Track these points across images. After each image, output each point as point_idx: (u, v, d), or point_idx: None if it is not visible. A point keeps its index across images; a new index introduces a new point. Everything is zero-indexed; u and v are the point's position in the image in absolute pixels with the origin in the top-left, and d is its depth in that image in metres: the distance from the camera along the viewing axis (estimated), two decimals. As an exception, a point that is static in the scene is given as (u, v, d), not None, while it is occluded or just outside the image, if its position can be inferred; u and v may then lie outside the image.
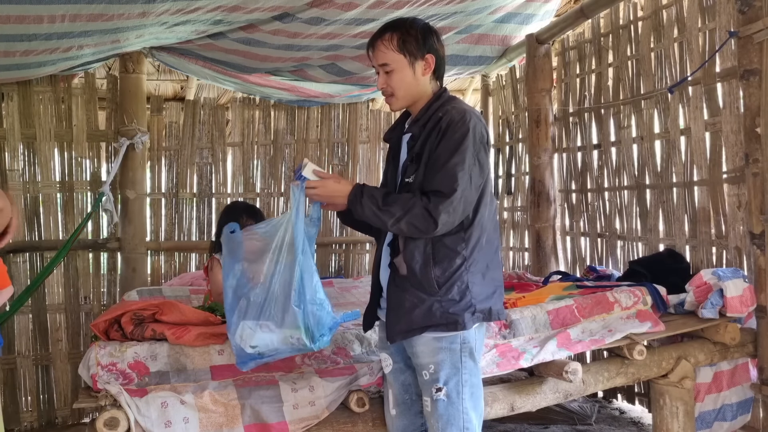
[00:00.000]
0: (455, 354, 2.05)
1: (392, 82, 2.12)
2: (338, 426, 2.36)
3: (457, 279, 2.03)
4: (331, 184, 2.09)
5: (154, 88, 5.13)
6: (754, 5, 2.81)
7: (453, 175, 1.97)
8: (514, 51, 4.68)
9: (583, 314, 2.77)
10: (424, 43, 2.10)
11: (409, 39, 2.09)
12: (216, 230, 3.38)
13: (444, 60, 2.17)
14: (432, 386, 2.07)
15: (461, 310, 2.03)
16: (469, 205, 2.01)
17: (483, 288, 2.06)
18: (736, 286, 2.82)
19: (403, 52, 2.09)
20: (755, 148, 2.83)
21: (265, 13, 3.51)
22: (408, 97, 2.14)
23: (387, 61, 2.10)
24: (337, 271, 5.13)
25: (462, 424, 2.06)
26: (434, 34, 2.14)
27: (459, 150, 1.99)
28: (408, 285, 2.08)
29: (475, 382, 2.10)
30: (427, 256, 2.04)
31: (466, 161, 1.98)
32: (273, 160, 4.95)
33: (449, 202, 1.95)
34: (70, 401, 4.24)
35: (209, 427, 2.17)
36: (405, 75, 2.10)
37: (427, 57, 2.10)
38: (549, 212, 4.34)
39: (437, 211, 1.95)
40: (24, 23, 2.99)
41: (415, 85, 2.12)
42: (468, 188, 1.98)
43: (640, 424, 3.84)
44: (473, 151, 2.00)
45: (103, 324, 2.44)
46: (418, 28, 2.12)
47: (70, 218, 4.35)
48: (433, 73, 2.13)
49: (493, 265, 2.11)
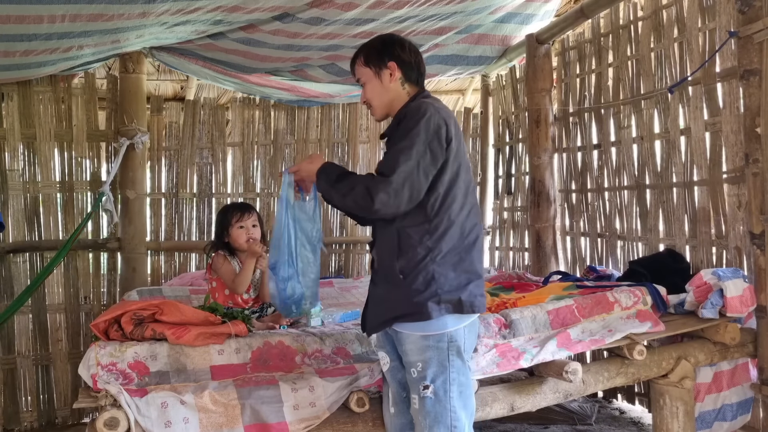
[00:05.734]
0: (442, 352, 2.08)
1: (367, 94, 2.31)
2: (338, 426, 2.36)
3: (422, 269, 2.08)
4: (305, 165, 2.32)
5: (154, 88, 5.13)
6: (754, 5, 2.81)
7: (396, 158, 2.07)
8: (514, 51, 4.68)
9: (583, 314, 2.77)
10: (384, 53, 2.26)
11: (371, 53, 2.29)
12: (214, 231, 3.40)
13: (413, 64, 2.29)
14: (419, 384, 2.10)
15: (425, 299, 2.06)
16: (416, 192, 2.06)
17: (452, 279, 2.09)
18: (736, 286, 2.82)
19: (368, 66, 2.28)
20: (755, 148, 2.82)
21: (265, 13, 3.51)
22: (383, 105, 2.29)
23: (359, 75, 2.32)
24: (337, 271, 5.13)
25: (449, 422, 2.08)
26: (397, 44, 2.29)
27: (408, 137, 2.09)
28: (378, 278, 2.20)
29: (463, 381, 2.13)
30: (393, 247, 2.12)
31: (414, 147, 2.06)
32: (273, 160, 4.96)
33: (388, 182, 2.04)
34: (70, 401, 4.23)
35: (209, 428, 2.17)
36: (374, 85, 2.28)
37: (389, 65, 2.25)
38: (549, 212, 4.34)
39: (376, 189, 2.05)
40: (24, 23, 2.99)
41: (385, 92, 2.27)
42: (414, 174, 2.05)
43: (640, 424, 3.84)
44: (424, 139, 2.08)
45: (103, 324, 2.44)
46: (379, 42, 2.32)
47: (70, 218, 4.35)
48: (404, 78, 2.27)
49: (469, 258, 2.14)
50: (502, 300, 3.03)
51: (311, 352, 2.51)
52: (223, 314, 2.61)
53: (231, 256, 3.20)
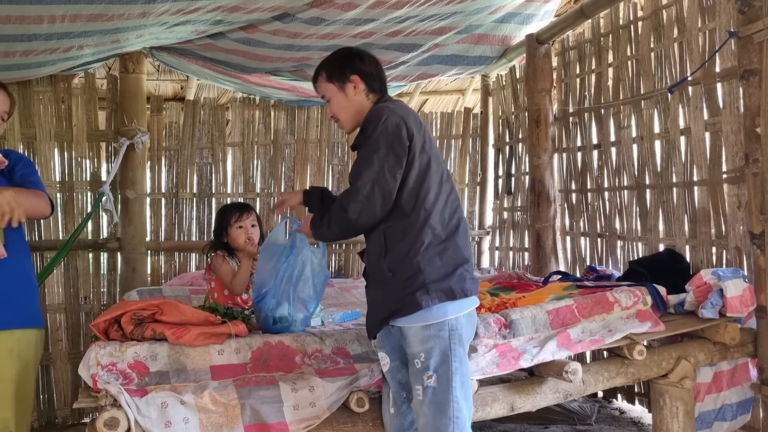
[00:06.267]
0: (444, 341, 2.11)
1: (333, 109, 2.37)
2: (338, 426, 2.36)
3: (407, 263, 2.12)
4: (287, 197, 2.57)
5: (154, 88, 5.14)
6: (754, 5, 2.81)
7: (359, 167, 2.16)
8: (514, 51, 4.69)
9: (583, 314, 2.77)
10: (345, 67, 2.32)
11: (333, 69, 2.34)
12: (213, 231, 3.40)
13: (375, 75, 2.35)
14: (423, 374, 2.11)
15: (414, 290, 2.10)
16: (387, 193, 2.13)
17: (439, 268, 2.13)
18: (736, 286, 2.82)
19: (331, 81, 2.34)
20: (755, 148, 2.82)
21: (265, 13, 3.52)
22: (350, 118, 2.36)
23: (323, 92, 2.38)
24: (337, 271, 5.13)
25: (452, 413, 2.09)
26: (356, 57, 2.35)
27: (368, 143, 2.17)
28: (371, 282, 2.27)
29: (465, 372, 2.15)
30: (381, 248, 2.18)
31: (376, 153, 2.13)
32: (273, 160, 4.96)
33: (356, 191, 2.13)
34: (70, 401, 4.23)
35: (209, 428, 2.17)
36: (339, 99, 2.34)
37: (352, 78, 2.31)
38: (549, 212, 4.35)
39: (347, 201, 2.15)
40: (24, 23, 2.99)
41: (351, 105, 2.33)
42: (381, 178, 2.12)
43: (640, 424, 3.84)
44: (384, 142, 2.14)
45: (103, 324, 2.44)
46: (338, 57, 2.37)
47: (70, 218, 4.35)
48: (367, 90, 2.33)
49: (453, 245, 2.17)
50: (502, 300, 3.03)
51: (311, 352, 2.50)
52: (223, 314, 2.61)
53: (230, 257, 3.20)
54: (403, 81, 4.93)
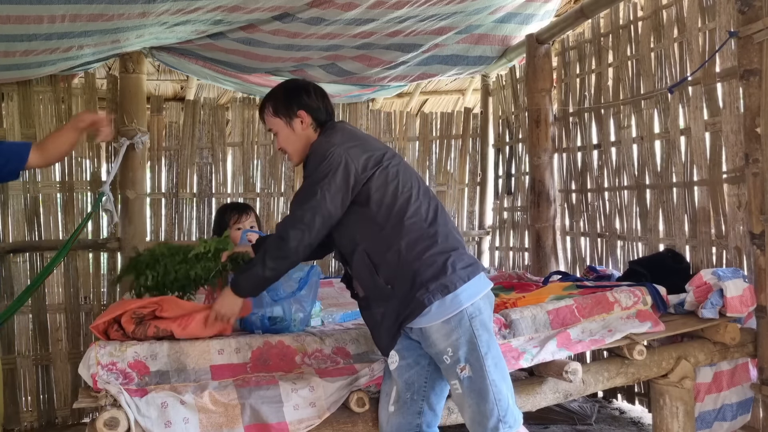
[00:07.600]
0: (467, 331, 2.10)
1: (281, 142, 2.40)
2: (338, 426, 2.36)
3: (401, 270, 2.14)
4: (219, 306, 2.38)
5: (154, 88, 5.13)
6: (754, 5, 2.81)
7: (300, 197, 2.22)
8: (514, 51, 4.68)
9: (583, 314, 2.77)
10: (292, 102, 2.35)
11: (279, 105, 2.37)
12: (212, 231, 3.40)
13: (321, 108, 2.38)
14: (455, 367, 2.11)
15: (414, 294, 2.11)
16: (328, 219, 2.18)
17: (430, 267, 2.13)
18: (736, 286, 2.82)
19: (278, 116, 2.37)
20: (755, 148, 2.82)
21: (265, 13, 3.52)
22: (298, 152, 2.39)
23: (270, 126, 2.41)
24: (337, 271, 5.13)
25: (492, 398, 2.09)
26: (302, 91, 2.37)
27: (307, 176, 2.25)
28: (369, 302, 2.25)
29: (495, 353, 2.14)
30: (369, 267, 2.18)
31: (315, 185, 2.17)
32: (273, 160, 4.95)
33: (293, 218, 2.19)
34: (70, 401, 4.22)
35: (209, 428, 2.17)
36: (287, 134, 2.37)
37: (299, 113, 2.35)
38: (549, 212, 4.34)
39: (284, 228, 2.19)
40: (24, 23, 2.99)
41: (298, 139, 2.37)
42: (321, 206, 2.16)
43: (640, 424, 3.84)
44: (325, 173, 2.17)
45: (102, 325, 2.44)
46: (283, 91, 2.39)
47: (70, 218, 4.35)
48: (315, 124, 2.37)
49: (438, 238, 2.18)
50: (502, 300, 3.03)
51: (311, 352, 2.50)
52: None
53: (229, 257, 3.19)
54: (403, 81, 4.93)
